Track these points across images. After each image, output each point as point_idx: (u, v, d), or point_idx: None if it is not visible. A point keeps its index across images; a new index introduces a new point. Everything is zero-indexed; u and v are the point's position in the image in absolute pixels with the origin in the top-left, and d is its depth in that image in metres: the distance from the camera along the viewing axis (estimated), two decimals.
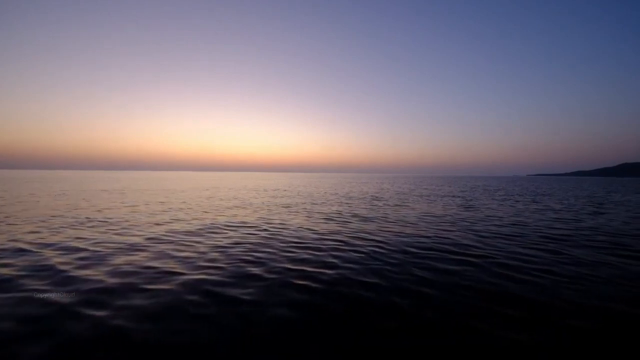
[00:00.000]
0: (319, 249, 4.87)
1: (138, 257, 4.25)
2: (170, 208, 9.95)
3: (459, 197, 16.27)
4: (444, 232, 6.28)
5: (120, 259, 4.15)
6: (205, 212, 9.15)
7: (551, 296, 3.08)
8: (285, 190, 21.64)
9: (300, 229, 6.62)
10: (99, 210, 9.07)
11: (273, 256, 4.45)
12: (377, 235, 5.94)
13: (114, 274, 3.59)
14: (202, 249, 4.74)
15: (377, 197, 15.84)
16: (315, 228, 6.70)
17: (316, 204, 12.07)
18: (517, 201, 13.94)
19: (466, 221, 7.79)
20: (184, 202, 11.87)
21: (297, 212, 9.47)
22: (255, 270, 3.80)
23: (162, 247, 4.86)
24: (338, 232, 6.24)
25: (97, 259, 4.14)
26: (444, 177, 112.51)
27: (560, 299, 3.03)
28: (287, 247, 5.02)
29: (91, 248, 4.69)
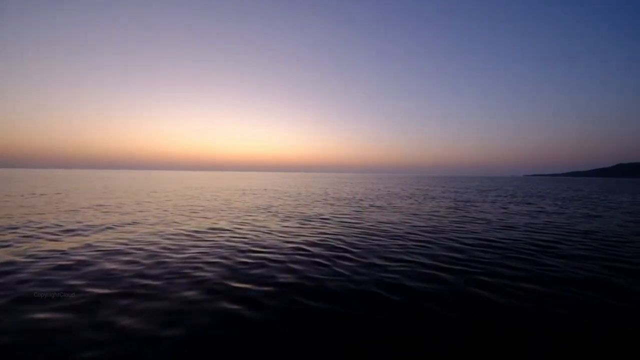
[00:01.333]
0: (276, 260, 4.27)
1: (47, 270, 3.62)
2: (136, 209, 9.31)
3: (450, 198, 15.73)
4: (423, 239, 5.70)
5: (23, 273, 3.53)
6: (172, 214, 8.52)
7: (528, 328, 2.51)
8: (274, 190, 21.04)
9: (266, 233, 6.02)
10: (55, 212, 8.42)
11: (218, 269, 3.85)
12: (347, 243, 5.35)
13: None
14: (137, 259, 4.13)
15: (365, 198, 15.27)
16: (284, 233, 6.11)
17: (299, 204, 11.47)
18: (510, 203, 13.41)
19: (451, 226, 7.23)
20: (157, 203, 11.23)
21: (274, 214, 8.87)
22: (184, 288, 3.19)
23: (92, 255, 4.24)
24: (307, 238, 5.65)
25: None
26: (442, 177, 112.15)
27: (539, 331, 2.45)
28: (242, 256, 4.43)
29: None
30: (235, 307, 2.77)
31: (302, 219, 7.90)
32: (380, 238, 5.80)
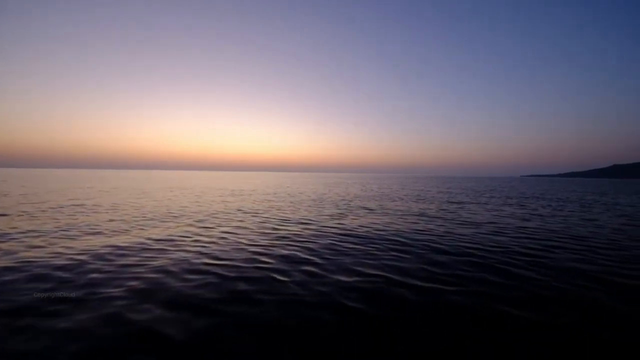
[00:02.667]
0: (224, 276, 3.66)
1: None
2: (102, 211, 8.66)
3: (442, 199, 15.20)
4: (401, 247, 5.12)
5: None
6: (138, 217, 7.88)
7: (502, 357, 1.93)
8: (266, 191, 20.44)
9: (230, 241, 5.41)
10: (12, 215, 7.76)
11: (144, 286, 3.23)
12: (315, 252, 4.76)
13: None
14: (53, 272, 3.50)
15: (355, 198, 14.70)
16: (250, 240, 5.50)
17: (283, 207, 10.87)
18: (504, 204, 12.89)
19: (435, 230, 6.65)
20: (132, 205, 10.58)
21: (250, 217, 8.26)
22: (82, 313, 2.58)
23: (1, 267, 3.62)
24: (273, 246, 5.05)
25: None
26: (440, 177, 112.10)
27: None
28: (186, 270, 3.81)
29: None
30: (125, 345, 2.16)
31: (278, 224, 7.30)
32: (356, 245, 5.22)
